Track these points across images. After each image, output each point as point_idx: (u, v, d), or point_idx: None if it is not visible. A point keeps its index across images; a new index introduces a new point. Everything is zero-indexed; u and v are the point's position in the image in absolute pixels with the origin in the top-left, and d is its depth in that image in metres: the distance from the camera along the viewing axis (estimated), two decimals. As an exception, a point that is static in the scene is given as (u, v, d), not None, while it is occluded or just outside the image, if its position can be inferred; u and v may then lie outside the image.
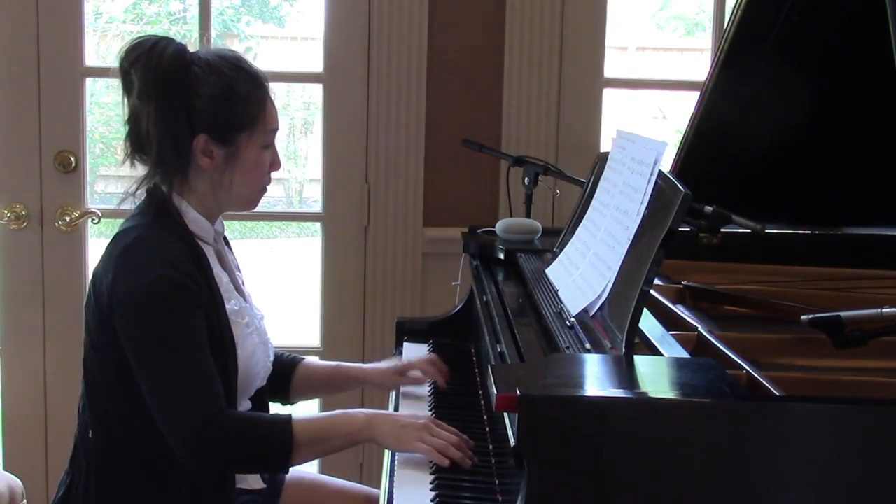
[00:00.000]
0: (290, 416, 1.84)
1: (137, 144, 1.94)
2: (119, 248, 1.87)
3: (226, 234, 2.11)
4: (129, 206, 1.99)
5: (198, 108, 1.89)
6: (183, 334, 1.81)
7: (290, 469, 2.19)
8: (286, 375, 2.21)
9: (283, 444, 1.80)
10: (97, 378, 1.92)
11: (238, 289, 2.05)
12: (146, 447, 1.87)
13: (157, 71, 1.87)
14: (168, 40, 1.91)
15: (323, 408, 3.01)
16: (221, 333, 1.89)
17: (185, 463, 1.81)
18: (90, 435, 1.92)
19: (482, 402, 2.07)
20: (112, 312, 1.83)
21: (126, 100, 1.94)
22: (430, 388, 2.19)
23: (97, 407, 1.92)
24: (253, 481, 2.06)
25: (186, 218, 1.94)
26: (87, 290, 1.93)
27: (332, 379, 2.26)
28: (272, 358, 2.11)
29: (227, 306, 1.94)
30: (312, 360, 2.28)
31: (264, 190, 2.01)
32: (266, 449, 1.82)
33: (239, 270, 2.12)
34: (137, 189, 1.96)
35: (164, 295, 1.81)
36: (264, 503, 2.08)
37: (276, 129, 1.98)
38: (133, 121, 1.93)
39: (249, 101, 1.92)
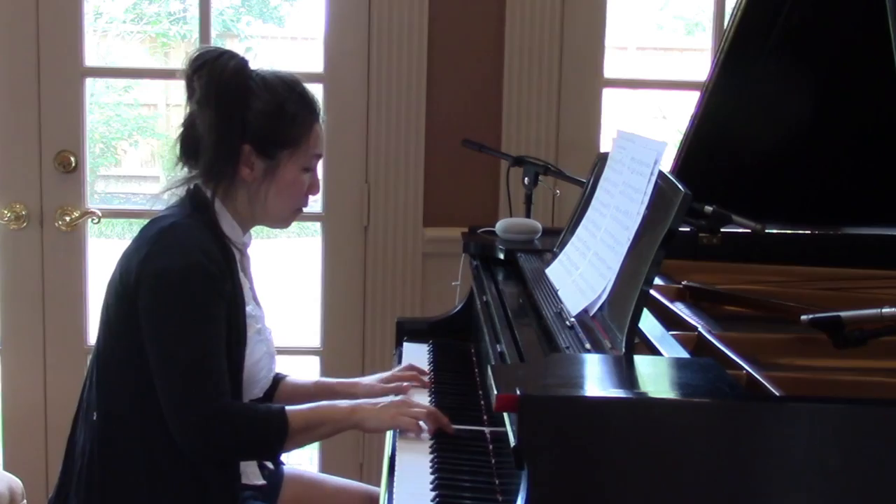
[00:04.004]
0: (282, 406, 1.91)
1: (189, 148, 2.01)
2: (155, 230, 1.93)
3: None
4: (160, 206, 2.05)
5: (247, 120, 1.97)
6: (203, 323, 1.86)
7: (289, 467, 2.22)
8: (268, 394, 2.19)
9: (278, 433, 1.87)
10: (108, 358, 1.94)
11: (255, 297, 2.10)
12: (151, 432, 1.89)
13: (219, 82, 1.96)
14: (232, 53, 2.00)
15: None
16: (238, 330, 1.94)
17: (183, 448, 1.86)
18: (94, 418, 1.94)
19: (482, 402, 2.07)
20: (138, 287, 1.87)
21: (186, 104, 2.01)
22: (430, 391, 2.19)
23: (104, 388, 1.94)
24: (253, 477, 2.07)
25: (221, 220, 1.99)
26: (114, 269, 1.97)
27: (316, 397, 2.20)
28: (273, 373, 2.15)
29: (247, 308, 1.99)
30: (293, 377, 2.28)
31: (299, 211, 2.08)
32: (263, 438, 1.89)
33: (254, 282, 2.14)
34: (178, 185, 2.02)
35: (195, 280, 1.87)
36: (263, 499, 2.09)
37: (319, 155, 2.06)
38: (188, 125, 2.01)
39: (296, 122, 2.00)
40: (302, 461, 3.65)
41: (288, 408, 1.90)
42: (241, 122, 1.96)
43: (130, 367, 1.90)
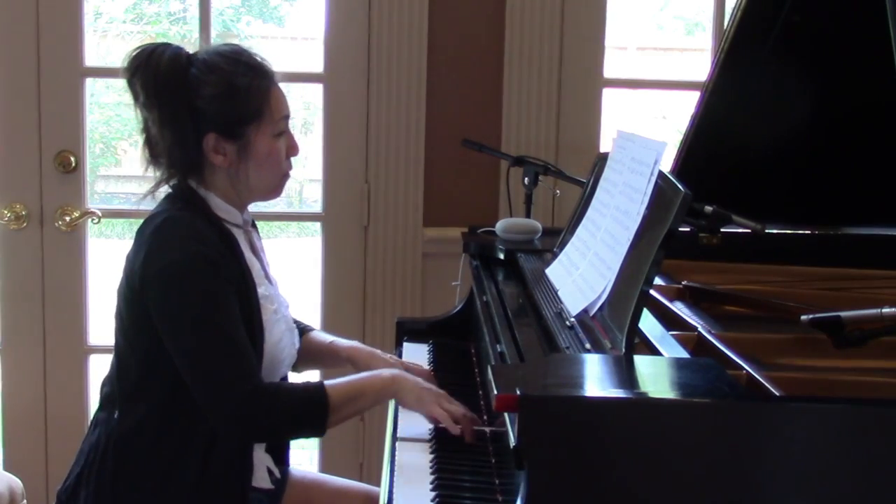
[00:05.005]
0: (321, 382, 1.91)
1: (152, 152, 1.98)
2: (150, 229, 1.91)
3: (253, 220, 2.12)
4: (146, 205, 2.03)
5: (202, 109, 1.91)
6: (219, 309, 1.85)
7: (292, 468, 2.22)
8: None
9: (319, 408, 1.87)
10: (128, 362, 1.94)
11: (267, 275, 2.07)
12: (168, 432, 1.91)
13: (156, 78, 1.91)
14: (164, 46, 1.94)
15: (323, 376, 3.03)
16: (251, 316, 1.93)
17: (224, 435, 1.87)
18: (116, 416, 1.94)
19: (482, 402, 2.07)
20: (144, 290, 1.87)
21: (135, 109, 1.98)
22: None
23: (127, 389, 1.94)
24: (261, 481, 2.07)
25: (212, 205, 1.97)
26: (121, 275, 1.96)
27: (327, 355, 2.27)
28: (297, 346, 2.14)
29: (259, 291, 1.97)
30: (316, 332, 2.31)
31: (286, 177, 2.03)
32: (304, 414, 1.88)
33: (265, 254, 2.14)
34: (156, 189, 2.00)
35: (199, 270, 1.85)
36: (269, 502, 2.09)
37: (286, 116, 2.00)
38: (144, 129, 1.97)
39: (251, 94, 1.93)
40: (302, 461, 3.65)
41: (327, 382, 1.90)
42: (192, 113, 1.91)
43: (152, 369, 1.90)
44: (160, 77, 1.91)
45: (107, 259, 3.70)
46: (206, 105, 1.91)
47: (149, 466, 1.91)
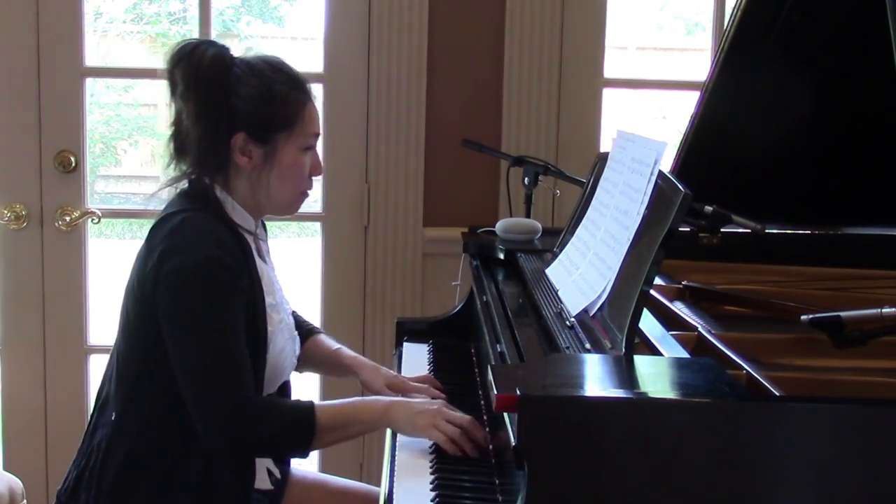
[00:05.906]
0: (311, 403, 1.88)
1: (179, 145, 1.98)
2: (165, 229, 1.89)
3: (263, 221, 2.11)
4: (154, 204, 2.03)
5: (237, 108, 1.92)
6: (225, 316, 1.84)
7: (292, 468, 2.22)
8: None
9: (306, 431, 1.84)
10: (129, 360, 1.94)
11: (273, 283, 2.06)
12: (168, 433, 1.90)
13: (197, 71, 1.92)
14: (210, 43, 1.97)
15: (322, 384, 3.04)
16: (256, 325, 1.92)
17: (206, 442, 1.85)
18: (113, 418, 1.93)
19: (482, 402, 2.07)
20: (155, 290, 1.86)
21: (170, 101, 1.97)
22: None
23: (124, 389, 1.93)
24: (261, 482, 2.07)
25: (228, 209, 1.96)
26: (130, 272, 1.95)
27: (330, 362, 2.27)
28: (298, 352, 2.14)
29: (267, 299, 1.96)
30: (323, 336, 2.30)
31: (305, 195, 2.04)
32: (289, 435, 1.86)
33: (270, 257, 2.13)
34: (173, 184, 1.99)
35: (212, 275, 1.84)
36: (270, 503, 2.09)
37: (317, 134, 2.02)
38: (176, 121, 1.97)
39: (287, 103, 1.95)
40: (302, 461, 3.65)
41: (317, 404, 1.87)
42: (227, 111, 1.92)
43: (151, 369, 1.90)
44: (202, 70, 1.92)
45: (107, 259, 3.70)
46: (241, 104, 1.92)
47: (151, 468, 1.91)
